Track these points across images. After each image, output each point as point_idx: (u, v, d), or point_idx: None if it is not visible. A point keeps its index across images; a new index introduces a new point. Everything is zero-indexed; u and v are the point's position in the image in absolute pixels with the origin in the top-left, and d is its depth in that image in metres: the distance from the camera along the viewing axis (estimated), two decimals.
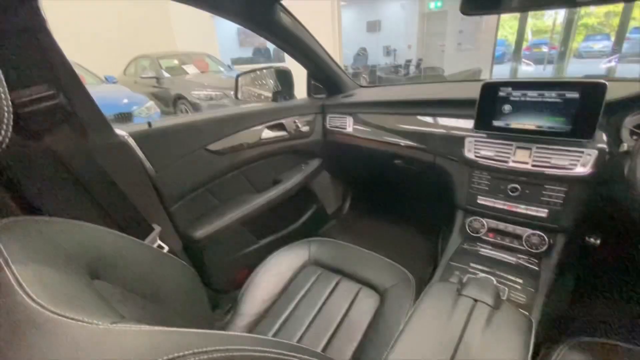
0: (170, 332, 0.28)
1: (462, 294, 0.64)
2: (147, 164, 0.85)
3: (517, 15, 8.01)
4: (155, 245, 0.81)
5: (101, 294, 0.38)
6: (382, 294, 0.84)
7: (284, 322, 0.82)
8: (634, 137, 0.79)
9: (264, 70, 1.48)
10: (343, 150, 1.46)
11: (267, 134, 1.20)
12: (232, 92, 1.34)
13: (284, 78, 1.40)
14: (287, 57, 1.32)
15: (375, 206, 1.90)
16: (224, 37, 8.86)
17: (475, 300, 0.62)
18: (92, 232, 0.49)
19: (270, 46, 8.48)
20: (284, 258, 1.00)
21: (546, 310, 0.79)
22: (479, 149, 0.96)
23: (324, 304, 0.85)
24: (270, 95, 1.41)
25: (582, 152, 0.82)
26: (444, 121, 1.08)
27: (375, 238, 1.71)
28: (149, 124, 0.90)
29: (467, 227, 1.04)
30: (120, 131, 0.80)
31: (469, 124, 1.00)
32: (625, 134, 0.81)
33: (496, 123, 0.92)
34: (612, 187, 0.81)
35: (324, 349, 0.74)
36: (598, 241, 0.97)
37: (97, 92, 4.10)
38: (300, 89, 1.48)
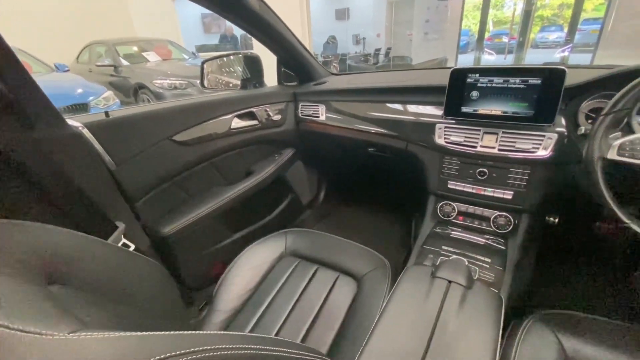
0: (138, 337, 0.26)
1: (436, 276, 0.66)
2: (106, 157, 0.78)
3: (480, 5, 8.27)
4: (119, 244, 0.76)
5: (60, 300, 0.34)
6: (359, 281, 0.85)
7: (261, 315, 0.81)
8: (589, 121, 0.84)
9: (232, 57, 1.42)
10: (316, 139, 1.44)
11: (237, 123, 1.16)
12: (197, 81, 1.27)
13: (253, 65, 1.35)
14: (255, 44, 1.27)
15: (350, 194, 1.91)
16: (187, 22, 8.40)
17: (450, 282, 0.64)
18: (45, 233, 0.44)
19: (238, 33, 8.17)
20: (260, 250, 0.98)
21: (513, 287, 0.84)
22: (449, 135, 0.98)
23: (302, 294, 0.85)
24: (238, 82, 1.35)
25: (544, 136, 0.86)
26: (415, 108, 1.09)
27: (351, 226, 1.73)
28: (107, 114, 0.83)
29: (438, 211, 1.07)
30: (74, 122, 0.73)
31: (438, 110, 1.01)
32: (581, 118, 0.86)
33: (465, 109, 0.94)
34: (570, 169, 0.86)
35: (303, 339, 0.74)
36: (556, 220, 1.03)
37: (47, 81, 3.76)
38: (271, 77, 1.44)
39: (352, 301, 0.81)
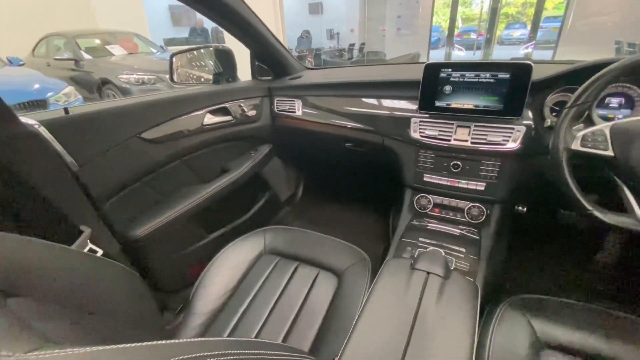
0: (108, 351, 0.24)
1: (415, 268, 0.67)
2: (68, 158, 0.73)
3: (449, 2, 8.49)
4: (86, 250, 0.71)
5: (18, 315, 0.31)
6: (340, 276, 0.85)
7: (241, 316, 0.79)
8: (554, 114, 0.89)
9: (202, 50, 1.37)
10: (293, 135, 1.43)
11: (210, 119, 1.11)
12: (167, 76, 1.22)
13: (225, 59, 1.31)
14: (227, 38, 1.23)
15: (328, 190, 1.91)
16: (154, 15, 8.02)
17: (428, 273, 0.65)
18: None
19: (209, 26, 7.91)
20: (238, 250, 0.96)
21: (488, 275, 0.87)
22: (424, 129, 1.00)
23: (282, 292, 0.84)
24: (210, 77, 1.31)
25: (513, 129, 0.89)
26: (390, 103, 1.10)
27: (331, 221, 1.73)
28: (66, 110, 0.77)
29: (415, 204, 1.09)
30: (29, 119, 0.68)
31: (413, 105, 1.03)
32: (546, 111, 0.90)
33: (438, 103, 0.96)
34: (538, 160, 0.90)
35: (285, 338, 0.73)
36: (525, 209, 1.08)
37: None
38: (244, 71, 1.40)
39: (333, 297, 0.81)
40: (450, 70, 0.92)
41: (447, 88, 0.93)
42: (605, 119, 0.84)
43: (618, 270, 1.24)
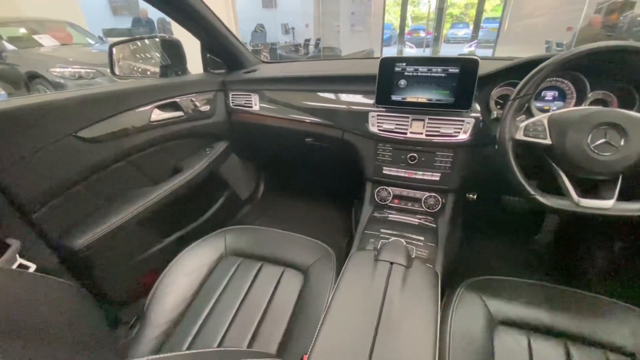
0: None
1: (379, 259, 0.68)
2: None
3: (400, 1, 8.81)
4: (15, 266, 0.62)
5: None
6: (305, 273, 0.84)
7: (202, 324, 0.75)
8: (498, 107, 0.95)
9: (146, 41, 1.27)
10: (251, 131, 1.38)
11: (158, 115, 1.03)
12: (109, 70, 1.10)
13: (173, 50, 1.22)
14: (176, 29, 1.15)
15: (290, 186, 1.89)
16: (89, 2, 7.31)
17: (391, 263, 0.66)
18: None
19: (154, 16, 7.39)
20: (196, 253, 0.91)
21: (445, 260, 0.91)
22: (382, 123, 1.02)
23: (246, 294, 0.81)
24: (157, 70, 1.21)
25: (463, 121, 0.94)
26: (349, 97, 1.11)
27: (294, 218, 1.71)
28: None
29: (375, 196, 1.11)
30: None
31: (370, 99, 1.04)
32: (492, 104, 0.96)
33: (394, 97, 0.98)
34: (486, 150, 0.96)
35: (251, 342, 0.70)
36: (475, 197, 1.15)
37: None
38: (195, 64, 1.32)
39: (299, 294, 0.79)
40: (404, 64, 0.94)
41: (402, 82, 0.96)
42: (542, 110, 0.92)
43: (556, 248, 1.38)
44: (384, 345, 0.50)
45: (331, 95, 1.13)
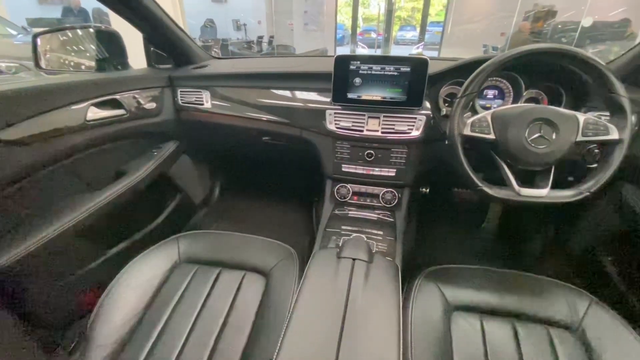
0: None
1: (341, 256, 0.68)
2: None
3: (351, 1, 9.02)
4: None
5: None
6: (267, 275, 0.81)
7: (157, 339, 0.69)
8: (446, 105, 1.00)
9: (79, 32, 1.14)
10: (203, 130, 1.31)
11: (95, 113, 0.93)
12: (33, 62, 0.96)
13: (111, 42, 1.12)
14: (114, 20, 1.04)
15: (249, 186, 1.83)
16: None
17: (354, 260, 0.67)
18: None
19: (88, 6, 6.71)
20: (146, 263, 0.84)
21: (404, 253, 0.95)
22: (339, 121, 1.02)
23: (205, 302, 0.76)
24: (93, 64, 1.10)
25: (415, 118, 0.98)
26: (305, 95, 1.10)
27: (253, 219, 1.66)
28: None
29: (335, 194, 1.11)
30: None
31: (327, 97, 1.04)
32: (441, 102, 1.01)
33: (350, 95, 0.99)
34: (436, 145, 1.00)
35: (212, 353, 0.66)
36: (427, 190, 1.21)
37: None
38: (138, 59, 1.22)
39: (262, 298, 0.77)
40: (359, 63, 0.96)
41: (357, 80, 0.97)
42: (485, 108, 0.99)
43: (500, 234, 1.50)
44: (349, 345, 0.50)
45: (287, 93, 1.11)
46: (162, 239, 0.91)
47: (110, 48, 1.12)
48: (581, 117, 0.69)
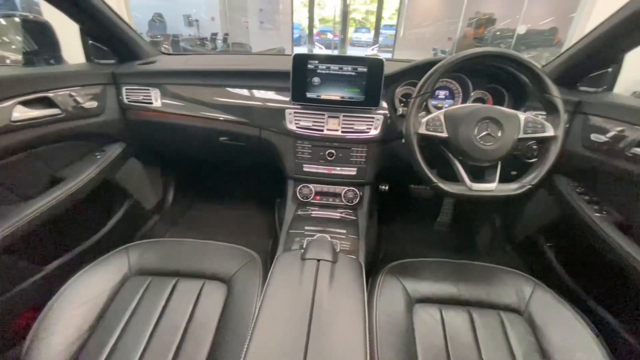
0: None
1: (305, 258, 0.67)
2: None
3: (306, 2, 9.05)
4: None
5: None
6: (228, 282, 0.78)
7: (107, 359, 0.62)
8: (402, 105, 1.04)
9: (2, 20, 1.00)
10: (153, 130, 1.22)
11: (23, 113, 0.82)
12: None
13: (42, 34, 1.00)
14: (46, 8, 0.93)
15: (206, 190, 1.75)
16: None
17: (318, 260, 0.66)
18: None
19: None
20: (91, 278, 0.76)
21: (367, 250, 0.96)
22: (299, 120, 1.01)
23: (160, 316, 0.71)
24: (19, 57, 0.97)
25: (373, 118, 1.00)
26: (264, 94, 1.07)
27: (212, 224, 1.59)
28: None
29: (298, 194, 1.10)
30: None
31: (286, 96, 1.03)
32: (397, 102, 1.04)
33: (309, 95, 0.98)
34: (394, 144, 1.04)
35: None
36: (387, 187, 1.25)
37: None
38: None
39: (223, 307, 0.73)
40: (317, 62, 0.95)
41: (316, 80, 0.97)
42: (437, 108, 1.04)
43: (454, 227, 1.59)
44: (317, 348, 0.50)
45: (245, 92, 1.08)
46: (110, 250, 0.84)
47: (40, 40, 1.00)
48: (522, 115, 0.75)
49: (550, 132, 0.74)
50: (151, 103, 1.10)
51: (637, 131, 0.72)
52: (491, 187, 0.75)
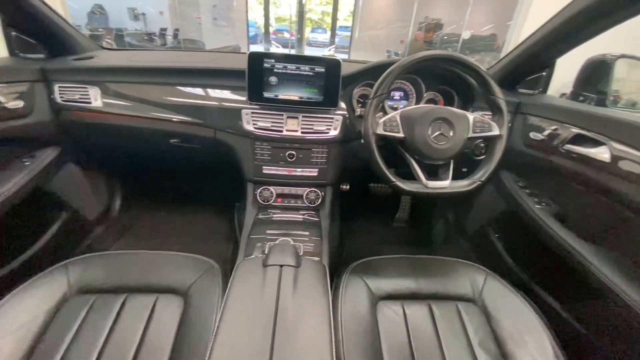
0: None
1: (267, 264, 0.65)
2: None
3: (262, 1, 8.90)
4: None
5: None
6: (185, 295, 0.73)
7: None
8: (360, 105, 1.05)
9: None
10: (94, 133, 1.11)
11: None
12: None
13: None
14: None
15: (157, 196, 1.63)
16: None
17: (281, 266, 0.64)
18: None
19: None
20: (22, 302, 0.67)
21: (330, 251, 0.96)
22: (257, 121, 0.98)
23: (108, 337, 0.64)
24: None
25: (333, 118, 0.99)
26: (219, 93, 1.02)
27: (165, 233, 1.48)
28: None
29: (258, 197, 1.07)
30: None
31: (242, 96, 0.99)
32: (354, 102, 1.05)
33: (266, 94, 0.95)
34: (353, 144, 1.05)
35: None
36: (347, 187, 1.26)
37: None
38: None
39: (180, 322, 0.68)
40: (273, 61, 0.93)
41: (273, 79, 0.94)
42: (393, 108, 1.07)
43: (411, 223, 1.66)
44: (281, 355, 0.48)
45: (198, 91, 1.02)
46: (44, 269, 0.74)
47: None
48: (470, 116, 0.80)
49: (496, 131, 0.79)
50: (90, 102, 0.99)
51: (568, 129, 0.80)
52: (445, 184, 0.79)
